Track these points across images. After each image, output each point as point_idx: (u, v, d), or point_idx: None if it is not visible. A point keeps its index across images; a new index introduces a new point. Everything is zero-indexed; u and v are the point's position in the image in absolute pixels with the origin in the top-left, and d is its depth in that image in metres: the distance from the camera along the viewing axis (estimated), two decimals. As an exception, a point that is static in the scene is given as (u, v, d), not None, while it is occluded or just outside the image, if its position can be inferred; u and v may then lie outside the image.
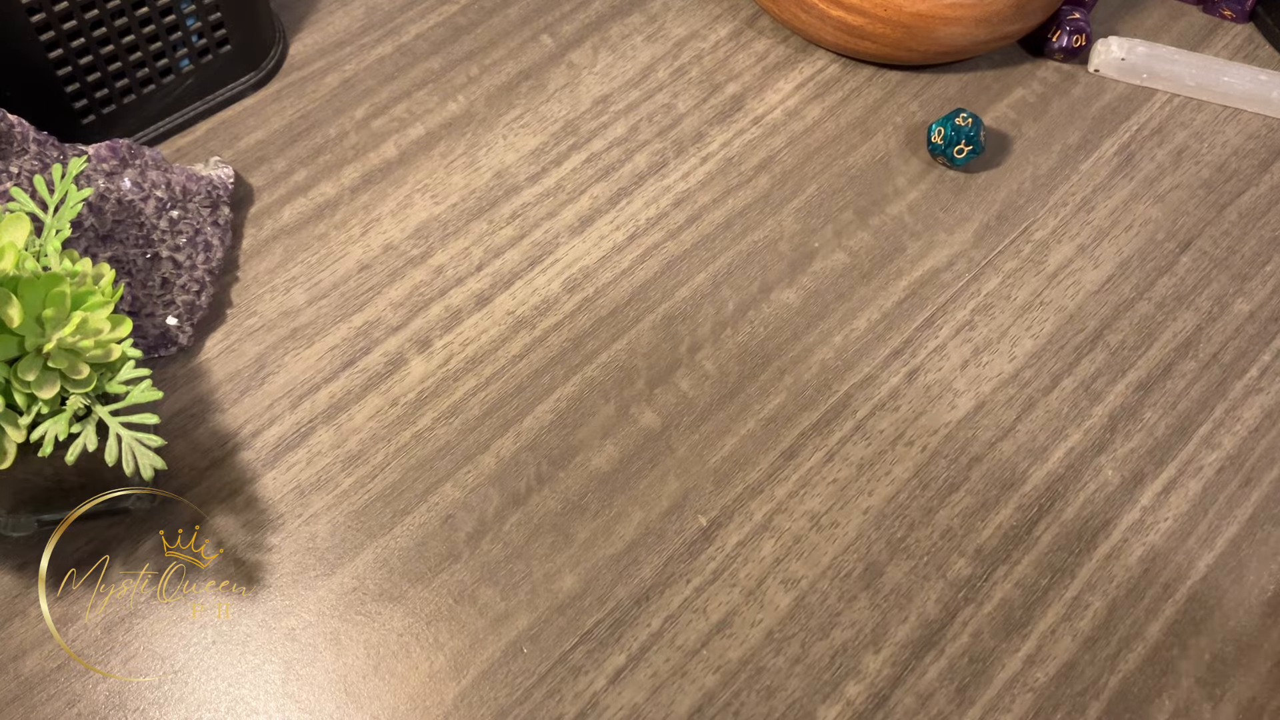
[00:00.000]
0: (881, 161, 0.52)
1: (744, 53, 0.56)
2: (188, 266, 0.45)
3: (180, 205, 0.45)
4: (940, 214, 0.51)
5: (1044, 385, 0.46)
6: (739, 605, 0.40)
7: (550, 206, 0.50)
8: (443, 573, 0.41)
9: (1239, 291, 0.49)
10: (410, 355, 0.45)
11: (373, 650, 0.39)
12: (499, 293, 0.47)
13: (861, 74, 0.55)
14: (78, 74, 0.46)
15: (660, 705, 0.38)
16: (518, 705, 0.38)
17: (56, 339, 0.33)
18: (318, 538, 0.41)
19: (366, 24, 0.56)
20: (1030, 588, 0.41)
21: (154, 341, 0.44)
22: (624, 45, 0.56)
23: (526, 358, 0.46)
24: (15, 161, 0.41)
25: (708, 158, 0.52)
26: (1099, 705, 0.39)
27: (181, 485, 0.42)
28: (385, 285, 0.47)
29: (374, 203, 0.50)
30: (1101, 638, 0.40)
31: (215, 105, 0.52)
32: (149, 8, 0.46)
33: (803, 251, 0.49)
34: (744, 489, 0.43)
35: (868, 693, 0.39)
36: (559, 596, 0.40)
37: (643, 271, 0.48)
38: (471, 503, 0.42)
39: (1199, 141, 0.54)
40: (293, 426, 0.43)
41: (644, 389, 0.45)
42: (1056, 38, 0.55)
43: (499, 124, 0.52)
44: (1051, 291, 0.49)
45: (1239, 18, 0.58)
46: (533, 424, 0.44)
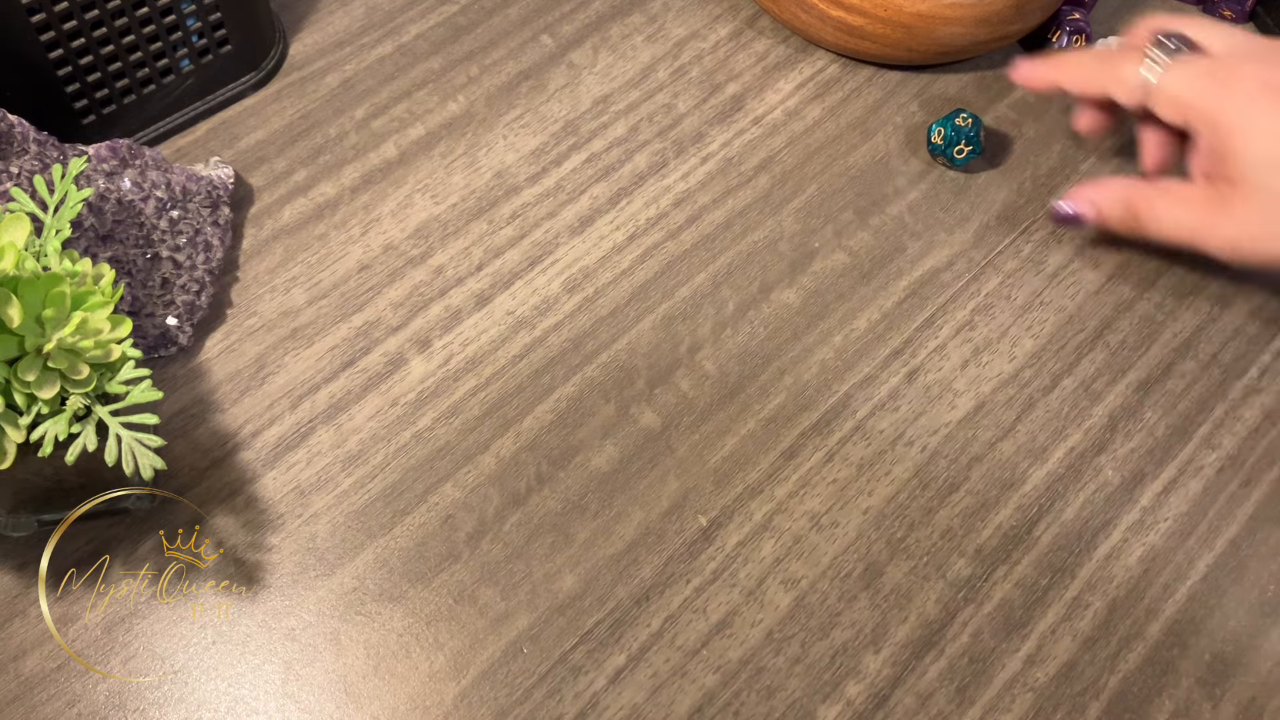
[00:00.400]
0: (881, 161, 0.52)
1: (744, 53, 0.56)
2: (188, 266, 0.45)
3: (180, 205, 0.45)
4: (940, 214, 0.51)
5: (1044, 385, 0.46)
6: (739, 605, 0.40)
7: (550, 206, 0.50)
8: (443, 573, 0.41)
9: (1239, 291, 0.49)
10: (410, 355, 0.45)
11: (373, 650, 0.39)
12: (499, 293, 0.47)
13: (861, 74, 0.55)
14: (78, 74, 0.46)
15: (660, 705, 0.38)
16: (518, 705, 0.38)
17: (56, 339, 0.33)
18: (318, 538, 0.41)
19: (366, 24, 0.56)
20: (1030, 588, 0.41)
21: (154, 341, 0.44)
22: (624, 45, 0.56)
23: (526, 358, 0.46)
24: (15, 161, 0.41)
25: (708, 158, 0.52)
26: (1099, 705, 0.39)
27: (181, 485, 0.42)
28: (385, 285, 0.47)
29: (374, 203, 0.50)
30: (1101, 638, 0.40)
31: (215, 105, 0.52)
32: (149, 8, 0.46)
33: (803, 251, 0.49)
34: (744, 489, 0.43)
35: (868, 693, 0.39)
36: (559, 596, 0.40)
37: (643, 271, 0.48)
38: (471, 503, 0.42)
39: (1199, 141, 0.54)
40: (293, 426, 0.43)
41: (644, 389, 0.45)
42: (1056, 38, 0.55)
43: (499, 124, 0.52)
44: (1051, 291, 0.49)
45: (1239, 18, 0.58)
46: (533, 424, 0.44)
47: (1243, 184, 0.41)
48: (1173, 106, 0.42)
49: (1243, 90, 0.40)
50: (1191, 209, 0.43)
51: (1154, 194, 0.45)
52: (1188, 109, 0.42)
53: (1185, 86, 0.42)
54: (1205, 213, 0.43)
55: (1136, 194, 0.45)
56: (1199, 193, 0.43)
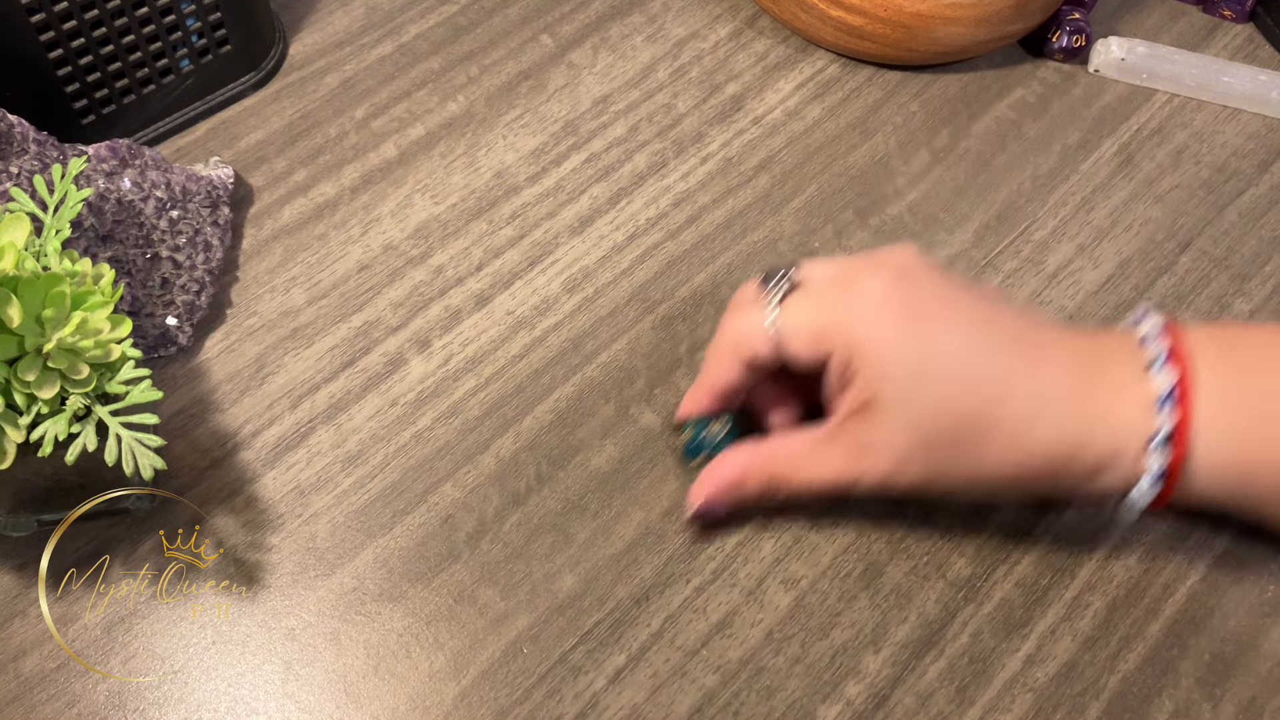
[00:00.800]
0: (881, 162, 0.52)
1: (744, 53, 0.56)
2: (188, 266, 0.45)
3: (180, 205, 0.45)
4: (940, 214, 0.51)
5: (1044, 385, 0.46)
6: (739, 605, 0.40)
7: (550, 206, 0.50)
8: (443, 573, 0.41)
9: (1239, 291, 0.49)
10: (410, 355, 0.45)
11: (373, 650, 0.39)
12: (499, 293, 0.47)
13: (861, 74, 0.55)
14: (78, 74, 0.46)
15: (660, 705, 0.38)
16: (518, 705, 0.38)
17: (56, 339, 0.33)
18: (318, 538, 0.41)
19: (366, 24, 0.56)
20: (1030, 588, 0.41)
21: (154, 341, 0.44)
22: (624, 45, 0.56)
23: (526, 358, 0.46)
24: (15, 161, 0.41)
25: (708, 158, 0.52)
26: (1099, 705, 0.39)
27: (181, 485, 0.42)
28: (385, 285, 0.47)
29: (374, 203, 0.50)
30: (1101, 638, 0.40)
31: (215, 105, 0.52)
32: (149, 8, 0.46)
33: (803, 251, 0.49)
34: (744, 489, 0.43)
35: (868, 693, 0.39)
36: (559, 596, 0.40)
37: (643, 271, 0.48)
38: (471, 503, 0.42)
39: (1199, 142, 0.54)
40: (292, 426, 0.43)
41: (644, 389, 0.45)
42: (1056, 38, 0.55)
43: (499, 124, 0.52)
44: (1051, 291, 0.49)
45: (1239, 18, 0.58)
46: (533, 424, 0.44)
47: (882, 402, 0.35)
48: (803, 338, 0.36)
49: (868, 305, 0.36)
50: (833, 455, 0.37)
51: (788, 454, 0.38)
52: (819, 336, 0.36)
53: (810, 313, 0.37)
54: (850, 456, 0.37)
55: (768, 461, 0.39)
56: (838, 433, 0.37)
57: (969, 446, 0.36)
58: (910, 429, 0.36)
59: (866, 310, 0.35)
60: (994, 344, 0.36)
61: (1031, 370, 0.36)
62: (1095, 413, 0.36)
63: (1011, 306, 0.38)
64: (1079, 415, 0.36)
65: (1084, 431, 0.36)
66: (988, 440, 0.36)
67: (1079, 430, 0.36)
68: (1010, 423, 0.35)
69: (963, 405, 0.35)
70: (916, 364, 0.35)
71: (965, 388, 0.35)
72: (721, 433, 0.41)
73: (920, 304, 0.36)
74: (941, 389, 0.35)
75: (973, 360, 0.35)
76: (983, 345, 0.36)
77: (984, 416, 0.35)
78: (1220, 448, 0.36)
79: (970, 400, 0.35)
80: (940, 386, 0.35)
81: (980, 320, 0.36)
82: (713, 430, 0.41)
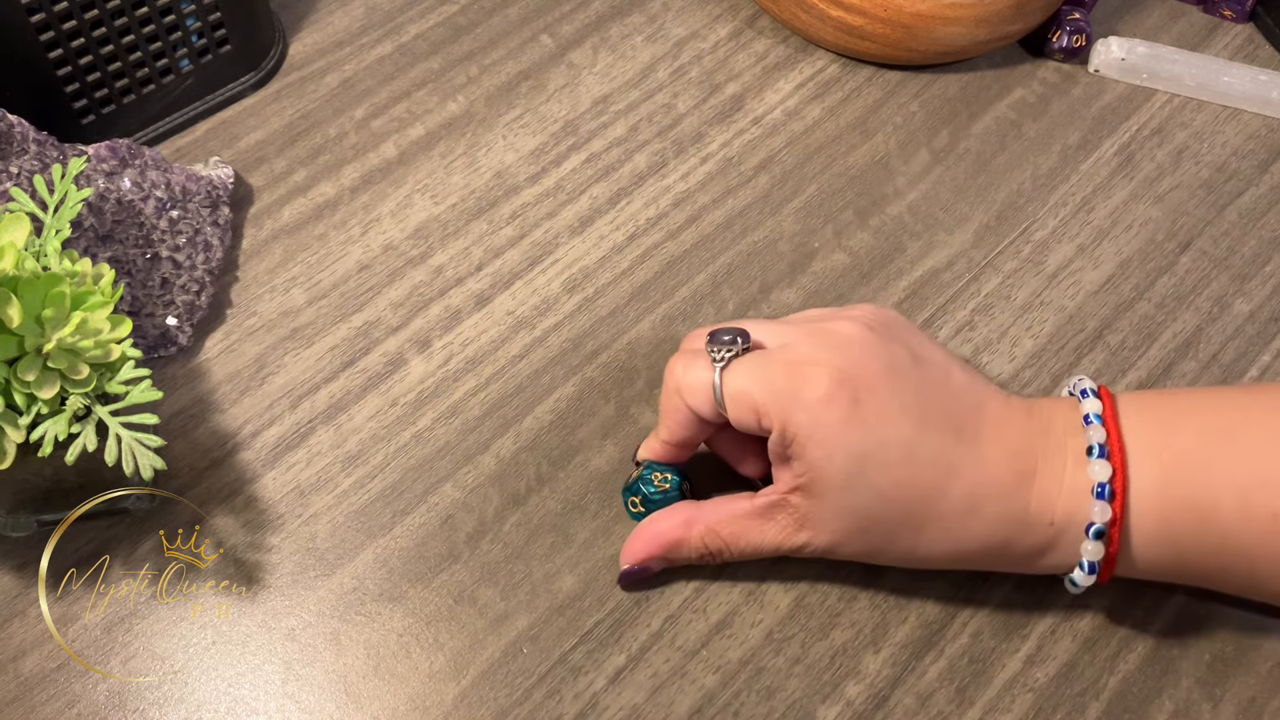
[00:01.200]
0: (881, 162, 0.52)
1: (744, 53, 0.56)
2: (187, 266, 0.45)
3: (180, 205, 0.45)
4: (940, 214, 0.51)
5: (1044, 385, 0.46)
6: (739, 605, 0.40)
7: (550, 207, 0.50)
8: (443, 573, 0.41)
9: (1239, 291, 0.49)
10: (410, 355, 0.45)
11: (373, 650, 0.39)
12: (499, 293, 0.47)
13: (861, 74, 0.55)
14: (78, 74, 0.46)
15: (660, 705, 0.38)
16: (518, 705, 0.38)
17: (56, 339, 0.33)
18: (318, 538, 0.41)
19: (366, 24, 0.56)
20: (1030, 588, 0.41)
21: (154, 341, 0.44)
22: (624, 45, 0.56)
23: (526, 358, 0.46)
24: (15, 161, 0.41)
25: (707, 158, 0.52)
26: (1099, 705, 0.39)
27: (181, 485, 0.42)
28: (385, 285, 0.47)
29: (374, 203, 0.50)
30: (1101, 638, 0.40)
31: (215, 105, 0.52)
32: (148, 8, 0.46)
33: (803, 251, 0.49)
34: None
35: (868, 693, 0.39)
36: (559, 596, 0.40)
37: (643, 271, 0.48)
38: (471, 503, 0.42)
39: (1199, 141, 0.54)
40: (292, 426, 0.43)
41: (644, 389, 0.45)
42: (1056, 38, 0.55)
43: (499, 124, 0.52)
44: (1051, 291, 0.49)
45: (1239, 18, 0.58)
46: (533, 424, 0.44)
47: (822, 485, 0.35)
48: (742, 409, 0.36)
49: (809, 394, 0.35)
50: (775, 525, 0.37)
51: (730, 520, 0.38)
52: (761, 412, 0.36)
53: (754, 386, 0.36)
54: (792, 526, 0.37)
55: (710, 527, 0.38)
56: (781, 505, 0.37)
57: (907, 534, 0.36)
58: (848, 515, 0.36)
59: (808, 398, 0.35)
60: (934, 434, 0.36)
61: (971, 462, 0.36)
62: (1032, 506, 0.36)
63: (953, 384, 0.37)
64: (1016, 510, 0.36)
65: (1020, 523, 0.36)
66: (925, 529, 0.36)
67: (1015, 522, 0.36)
68: (948, 517, 0.36)
69: (902, 494, 0.36)
70: (857, 454, 0.35)
71: (904, 476, 0.35)
72: (665, 485, 0.40)
73: (862, 392, 0.35)
74: (880, 478, 0.35)
75: (912, 452, 0.35)
76: (922, 437, 0.36)
77: (922, 507, 0.36)
78: (1155, 539, 0.36)
79: (909, 490, 0.36)
80: (879, 475, 0.35)
81: (920, 410, 0.36)
82: (657, 479, 0.40)
